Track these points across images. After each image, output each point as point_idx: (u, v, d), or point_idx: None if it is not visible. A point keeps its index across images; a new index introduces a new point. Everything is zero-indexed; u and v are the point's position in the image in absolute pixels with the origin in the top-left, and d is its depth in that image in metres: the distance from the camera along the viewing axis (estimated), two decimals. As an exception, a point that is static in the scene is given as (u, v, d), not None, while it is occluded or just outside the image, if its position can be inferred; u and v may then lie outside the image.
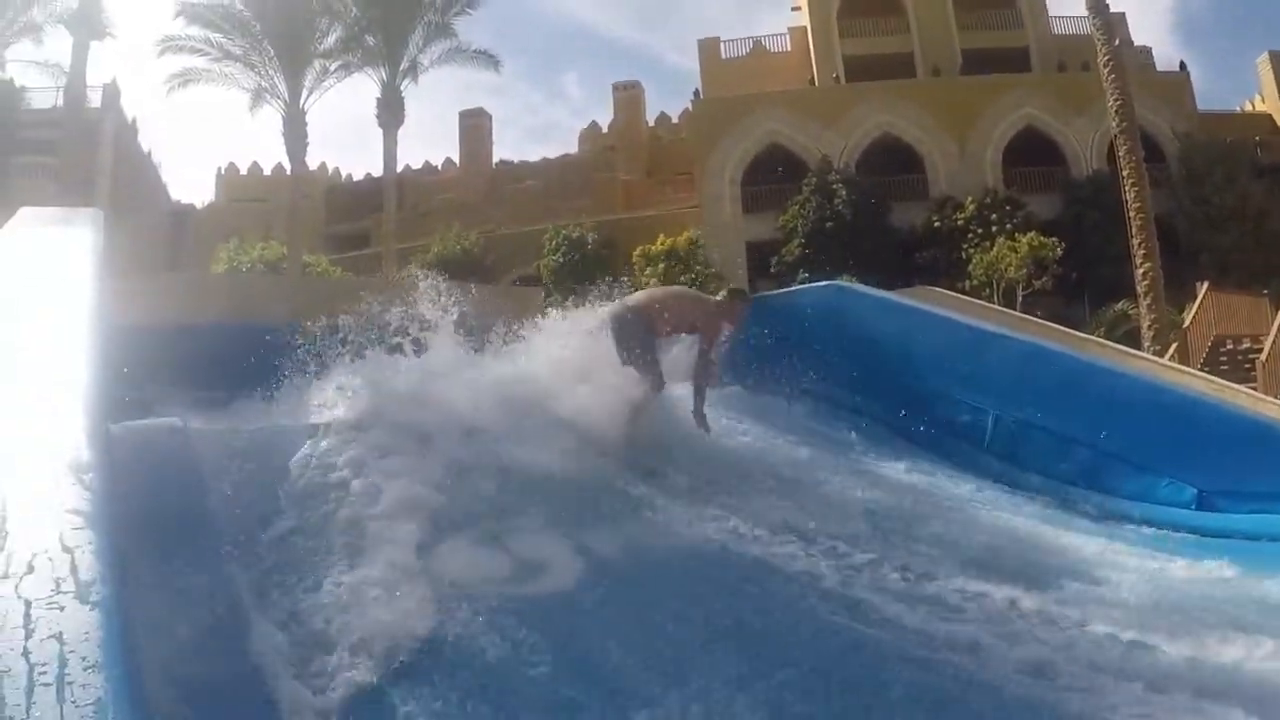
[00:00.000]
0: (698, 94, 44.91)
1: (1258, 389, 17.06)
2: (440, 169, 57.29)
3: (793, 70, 46.21)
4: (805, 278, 28.45)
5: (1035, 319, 16.76)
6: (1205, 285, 23.99)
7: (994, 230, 33.95)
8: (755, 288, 30.28)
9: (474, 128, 56.19)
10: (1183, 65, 42.87)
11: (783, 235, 37.71)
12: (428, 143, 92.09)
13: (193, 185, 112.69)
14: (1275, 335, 20.13)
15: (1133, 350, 17.61)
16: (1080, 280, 32.19)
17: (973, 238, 34.52)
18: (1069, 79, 40.38)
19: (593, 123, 58.04)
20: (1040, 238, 31.71)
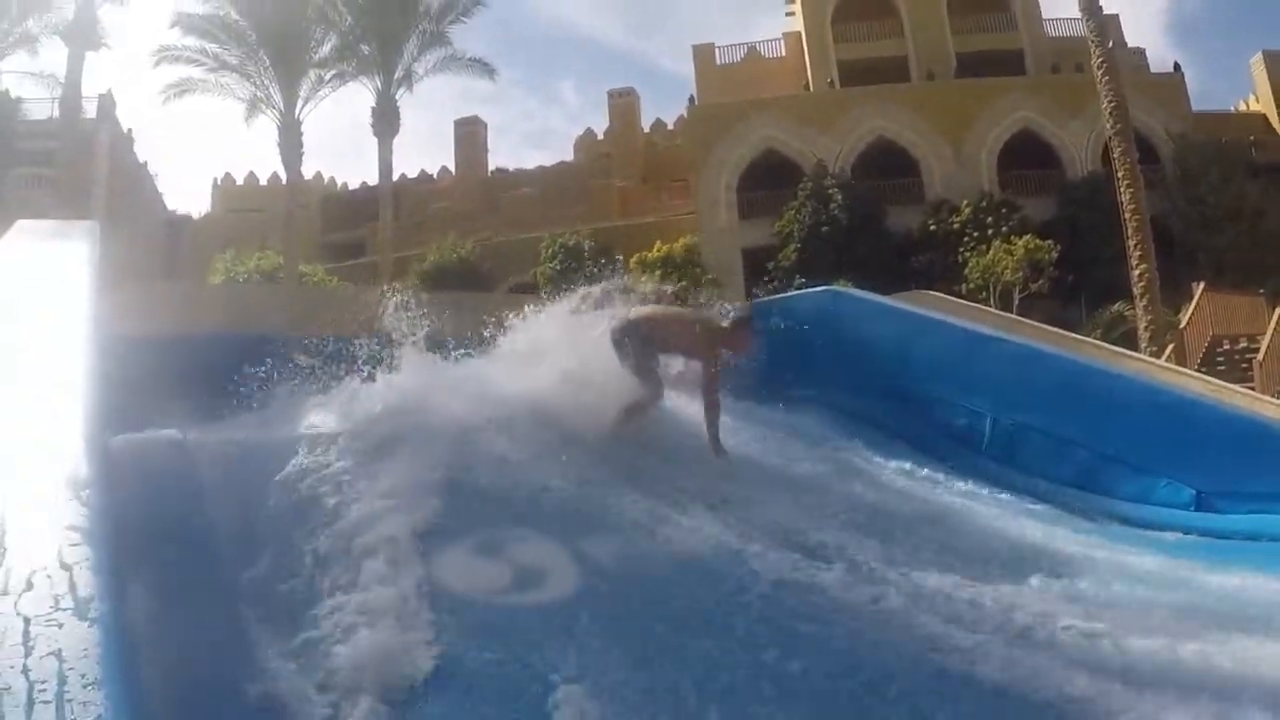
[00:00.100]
0: (693, 100, 44.94)
1: (1255, 389, 17.09)
2: (436, 177, 57.32)
3: (787, 75, 46.28)
4: (801, 283, 28.45)
5: (1031, 322, 16.75)
6: (1201, 286, 24.04)
7: (990, 233, 33.95)
8: (751, 293, 30.36)
9: (469, 136, 56.23)
10: (1177, 66, 42.94)
11: (779, 240, 37.72)
12: (423, 151, 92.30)
13: (189, 195, 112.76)
14: (1272, 335, 20.19)
15: (1130, 352, 17.62)
16: (1076, 282, 32.21)
17: (969, 241, 34.51)
18: (1063, 81, 40.42)
19: (588, 130, 58.13)
20: (1036, 240, 31.73)
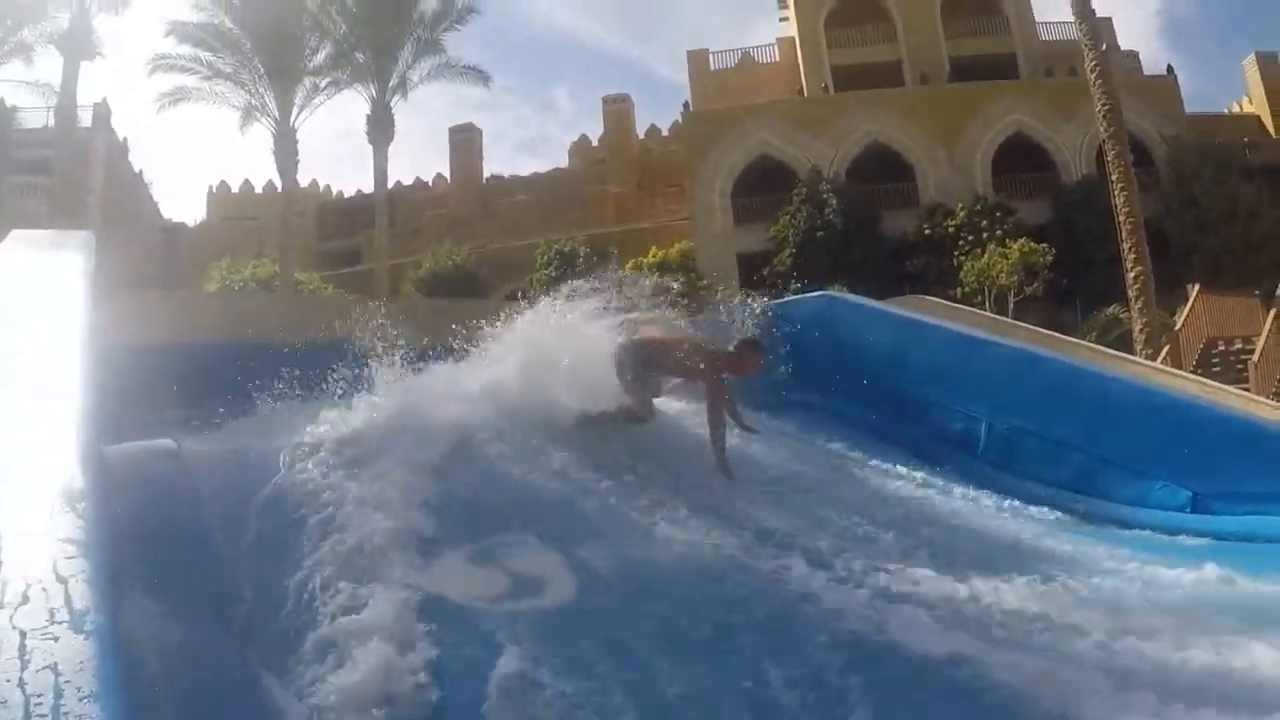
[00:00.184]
0: (687, 106, 44.97)
1: (1250, 390, 17.10)
2: (431, 184, 57.30)
3: (781, 81, 46.31)
4: (797, 288, 28.46)
5: (1026, 325, 16.76)
6: (1196, 288, 24.06)
7: (984, 237, 33.98)
8: (747, 298, 30.31)
9: (464, 143, 56.21)
10: (1170, 68, 43.03)
11: (774, 245, 37.76)
12: (419, 158, 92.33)
13: (184, 203, 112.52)
14: (1267, 336, 20.20)
15: (1125, 354, 17.62)
16: (1071, 285, 32.26)
17: (963, 245, 34.54)
18: (1057, 85, 40.51)
19: (583, 136, 58.13)
20: (1031, 244, 31.79)
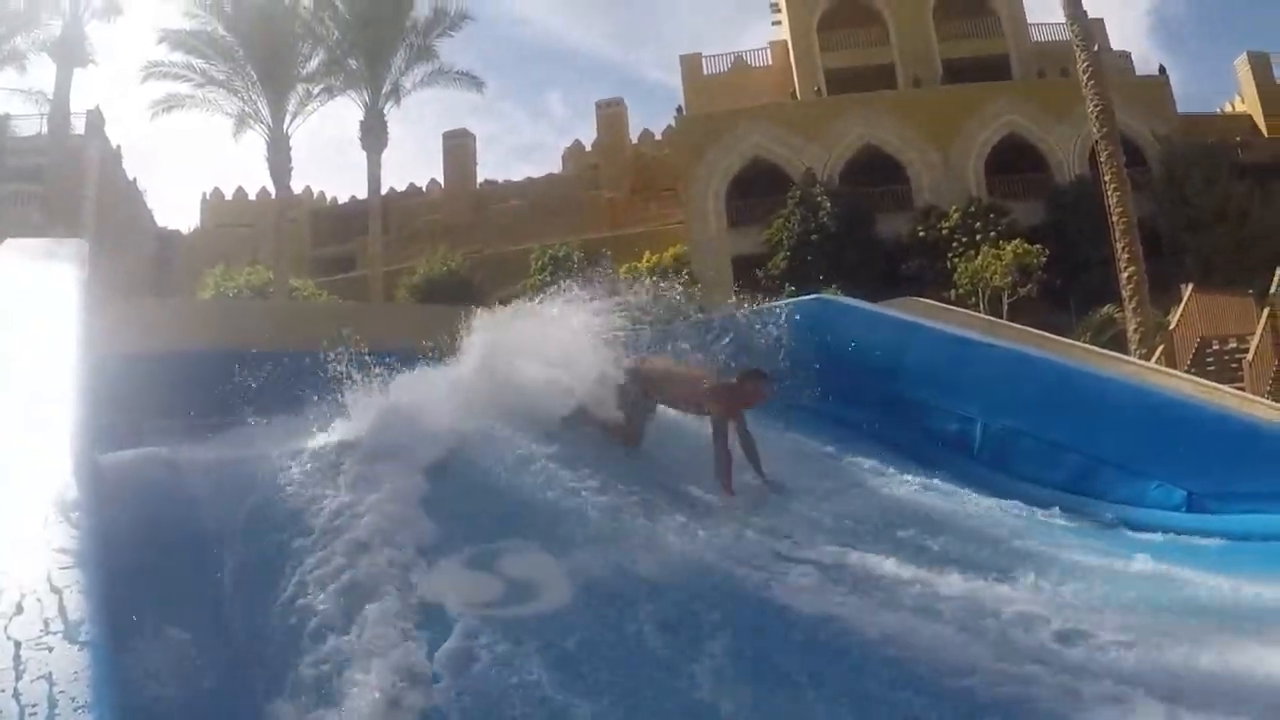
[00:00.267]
0: (681, 110, 44.98)
1: (1245, 389, 17.12)
2: (425, 190, 57.25)
3: (774, 84, 46.33)
4: (791, 291, 28.45)
5: (1021, 326, 16.78)
6: (1190, 287, 24.08)
7: (978, 239, 34.03)
8: (741, 301, 30.31)
9: (458, 148, 56.19)
10: (1162, 69, 43.05)
11: (768, 249, 37.75)
12: (412, 164, 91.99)
13: (178, 210, 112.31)
14: (1261, 334, 20.23)
15: (1119, 354, 17.64)
16: (1065, 286, 32.26)
17: (957, 246, 34.57)
18: (1049, 86, 40.53)
19: (576, 141, 58.08)
20: (1024, 245, 31.84)
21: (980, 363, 9.69)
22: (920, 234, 36.72)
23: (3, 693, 2.29)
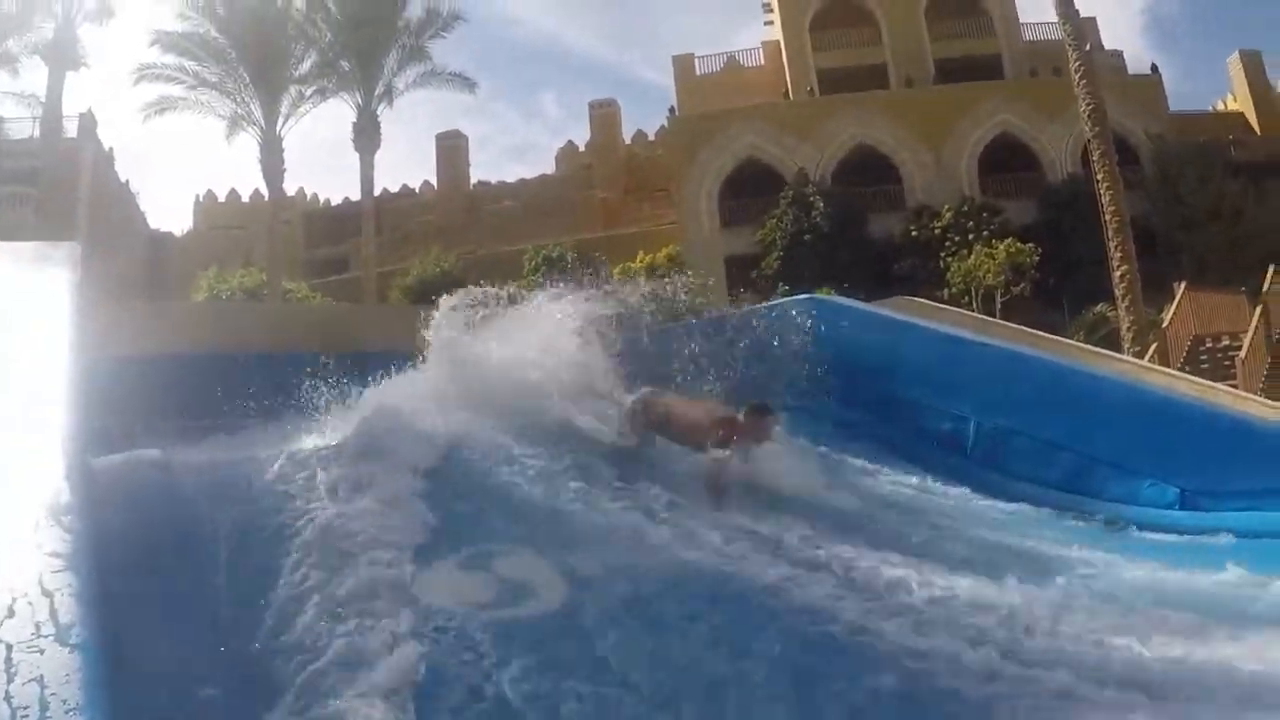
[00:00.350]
0: (673, 110, 44.98)
1: (1238, 386, 17.15)
2: (418, 191, 57.17)
3: (767, 84, 46.30)
4: (784, 290, 28.44)
5: (1014, 325, 16.79)
6: (1183, 285, 24.12)
7: (971, 238, 34.02)
8: (734, 301, 30.34)
9: (451, 150, 56.15)
10: (1154, 67, 43.14)
11: (761, 249, 37.75)
12: (405, 165, 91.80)
13: (171, 213, 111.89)
14: (1254, 332, 20.27)
15: (1112, 353, 17.66)
16: (1059, 285, 32.27)
17: (950, 246, 34.56)
18: (1042, 85, 40.58)
19: (569, 141, 58.02)
20: (1017, 244, 31.82)
21: (973, 362, 9.70)
22: (913, 233, 36.72)
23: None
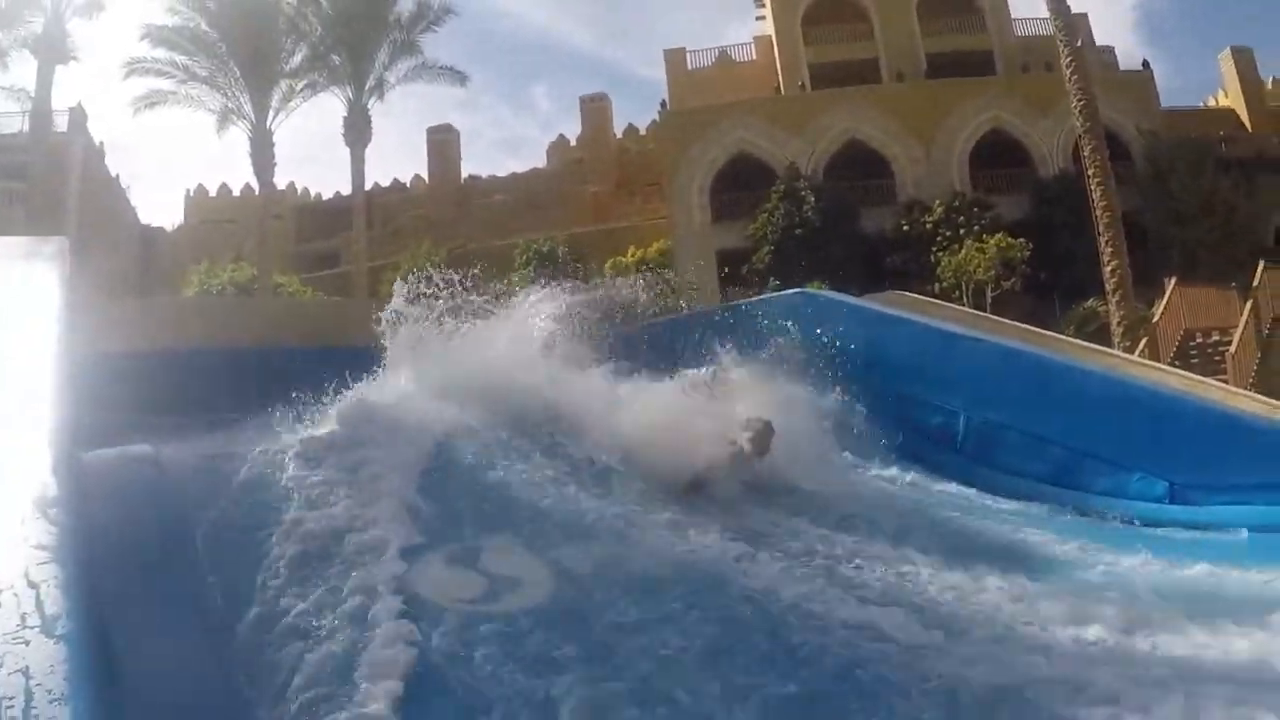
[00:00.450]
0: (665, 104, 44.95)
1: (1228, 381, 17.18)
2: (409, 186, 57.10)
3: (759, 79, 46.25)
4: (776, 285, 28.44)
5: (1004, 319, 16.80)
6: (1173, 280, 24.16)
7: (962, 233, 34.04)
8: (726, 296, 30.32)
9: (442, 144, 56.06)
10: (1146, 63, 43.14)
11: (752, 243, 37.71)
12: (396, 159, 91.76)
13: (161, 207, 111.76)
14: (1244, 327, 20.31)
15: (1103, 347, 17.68)
16: (1050, 280, 32.30)
17: (941, 241, 34.57)
18: (1033, 80, 40.57)
19: (561, 136, 57.95)
20: (1007, 238, 31.83)
21: (964, 356, 9.71)
22: (904, 228, 36.72)
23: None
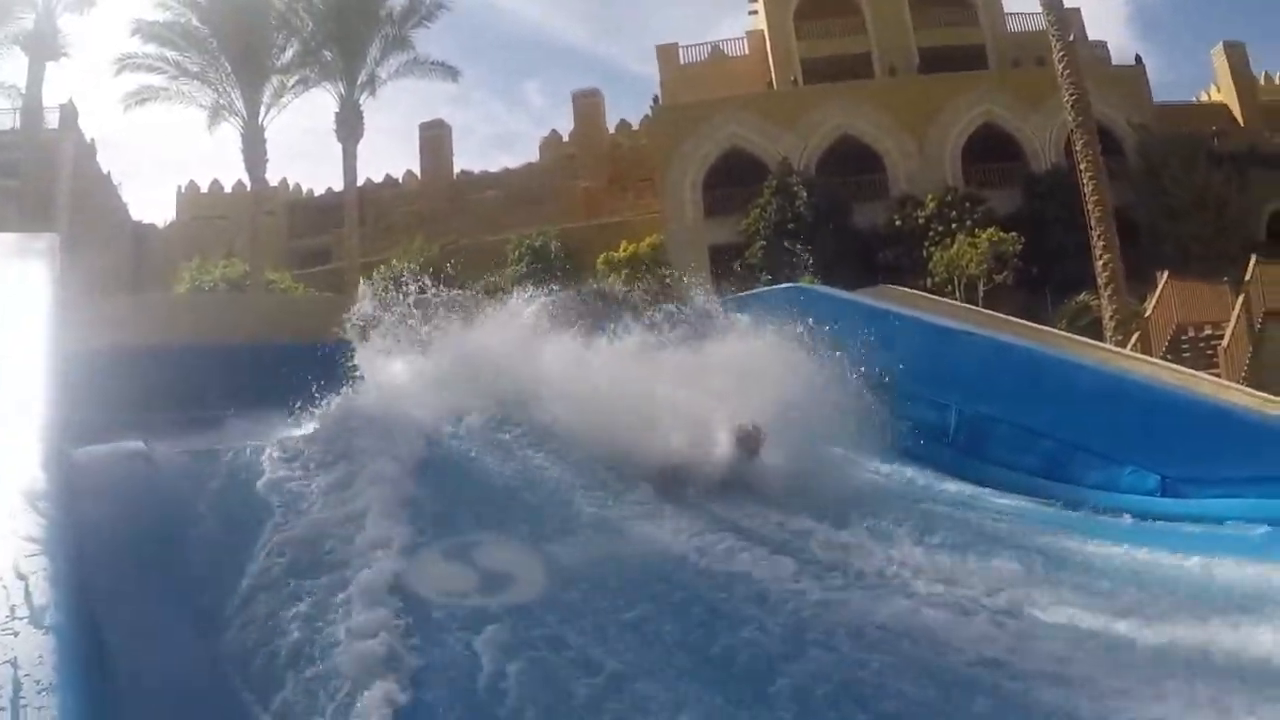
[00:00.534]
0: (657, 100, 44.93)
1: (1220, 375, 17.22)
2: (402, 181, 56.98)
3: (751, 74, 46.25)
4: (768, 280, 28.44)
5: (996, 314, 16.83)
6: (1165, 275, 24.20)
7: (954, 227, 34.06)
8: (719, 291, 30.29)
9: (434, 139, 55.94)
10: (1138, 58, 43.29)
11: (745, 238, 37.73)
12: (389, 155, 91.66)
13: (153, 204, 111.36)
14: (1236, 321, 20.35)
15: (1095, 341, 17.71)
16: (1042, 274, 32.33)
17: (934, 235, 34.60)
18: (1025, 75, 40.61)
19: (553, 131, 57.74)
20: (1000, 233, 31.86)
21: (956, 350, 9.72)
22: (897, 223, 36.73)
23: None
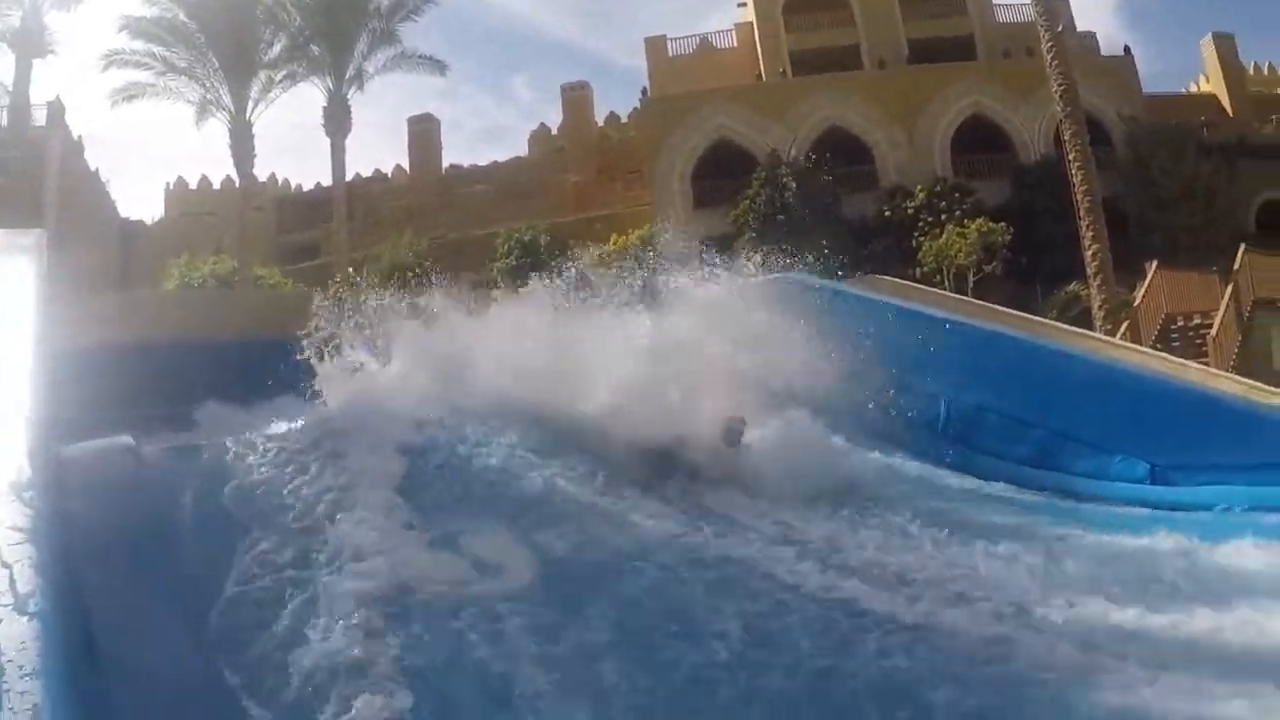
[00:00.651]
0: (645, 92, 44.90)
1: (1209, 364, 17.25)
2: (390, 176, 56.87)
3: (740, 66, 46.24)
4: (757, 271, 28.40)
5: (986, 304, 16.83)
6: (1154, 265, 24.25)
7: (944, 218, 34.11)
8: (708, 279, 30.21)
9: (423, 133, 55.83)
10: (1127, 49, 43.24)
11: (734, 230, 37.72)
12: (377, 149, 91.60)
13: (141, 201, 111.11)
14: (1225, 311, 20.41)
15: (1084, 330, 17.73)
16: (1032, 264, 32.38)
17: (923, 226, 34.64)
18: (1014, 66, 40.66)
19: (542, 124, 57.67)
20: (988, 223, 31.92)
21: (945, 340, 9.71)
22: (886, 214, 36.77)
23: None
